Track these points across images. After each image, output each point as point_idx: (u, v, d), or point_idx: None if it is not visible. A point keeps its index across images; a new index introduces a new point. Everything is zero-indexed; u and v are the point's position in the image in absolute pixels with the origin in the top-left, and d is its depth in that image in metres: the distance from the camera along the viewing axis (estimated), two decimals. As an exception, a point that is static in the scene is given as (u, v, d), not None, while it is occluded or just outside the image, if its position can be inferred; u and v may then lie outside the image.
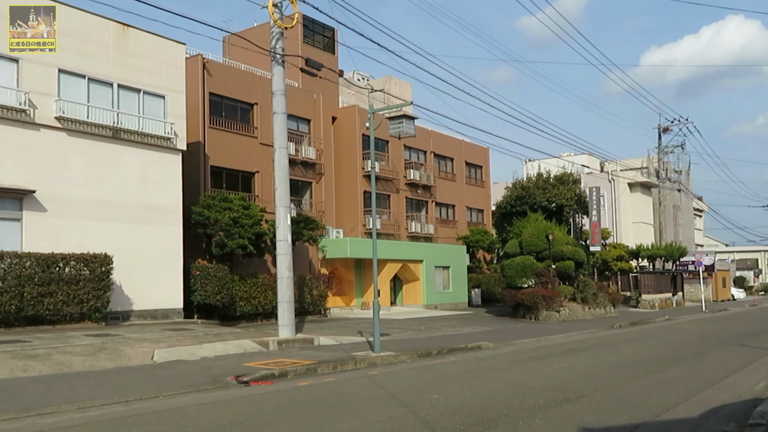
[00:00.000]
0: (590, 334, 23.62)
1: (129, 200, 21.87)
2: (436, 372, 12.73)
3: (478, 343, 18.19)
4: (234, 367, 12.37)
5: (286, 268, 16.87)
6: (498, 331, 23.27)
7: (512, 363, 14.35)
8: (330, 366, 12.90)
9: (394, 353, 15.07)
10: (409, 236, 38.16)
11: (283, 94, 17.73)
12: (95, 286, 19.08)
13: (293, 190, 32.66)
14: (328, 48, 37.38)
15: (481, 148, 46.02)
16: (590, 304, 32.10)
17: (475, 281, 40.08)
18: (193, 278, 24.11)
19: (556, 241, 30.30)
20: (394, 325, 24.90)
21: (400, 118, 15.59)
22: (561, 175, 33.97)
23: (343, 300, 34.53)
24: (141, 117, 22.48)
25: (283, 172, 17.35)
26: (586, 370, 12.87)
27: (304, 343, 16.39)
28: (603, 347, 18.27)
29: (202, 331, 17.94)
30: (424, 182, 39.56)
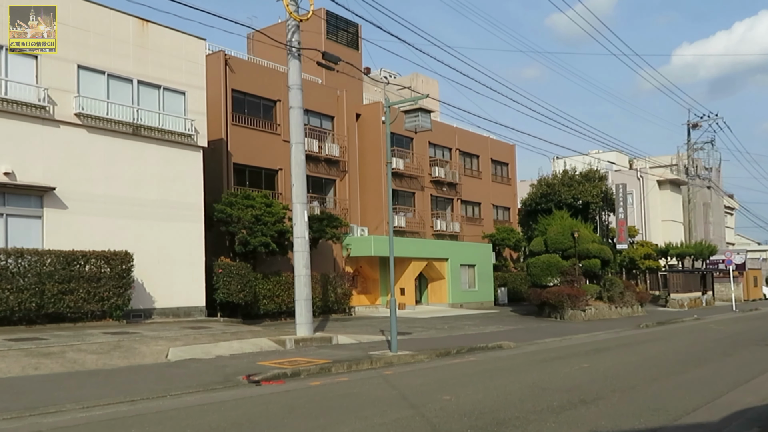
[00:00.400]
0: (615, 333, 23.10)
1: (150, 197, 21.91)
2: (452, 372, 12.45)
3: (499, 342, 17.84)
4: (247, 366, 12.22)
5: (303, 266, 16.69)
6: (521, 331, 22.88)
7: (531, 363, 14.00)
8: (344, 365, 12.68)
9: (411, 352, 14.80)
10: (435, 234, 37.84)
11: (300, 88, 17.54)
12: (116, 283, 19.12)
13: (317, 188, 32.64)
14: (352, 44, 37.22)
15: (508, 145, 45.48)
16: (617, 303, 31.47)
17: (501, 280, 39.62)
18: (216, 276, 24.10)
19: (581, 239, 29.74)
20: (417, 324, 24.66)
21: (415, 111, 15.29)
22: (587, 172, 33.36)
23: (368, 298, 34.36)
24: (161, 113, 22.50)
25: (299, 168, 17.17)
26: (606, 371, 12.48)
27: (321, 342, 16.21)
28: (627, 347, 17.80)
29: (220, 329, 17.86)
30: (450, 180, 39.19)
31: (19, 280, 17.24)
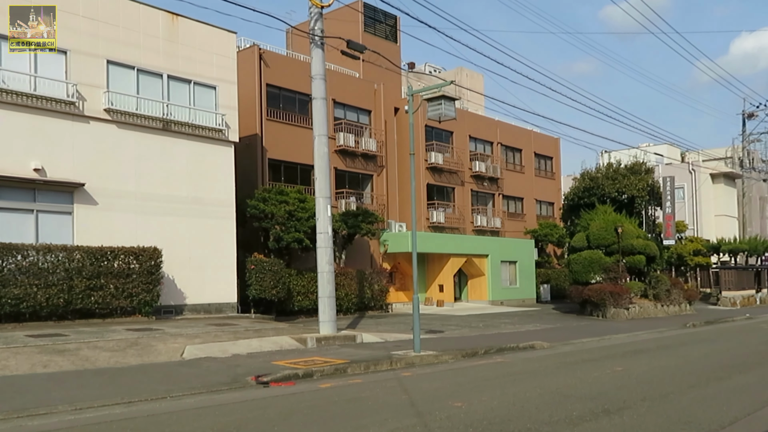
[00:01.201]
0: (659, 333, 22.03)
1: (180, 193, 21.80)
2: (473, 375, 11.81)
3: (531, 342, 17.09)
4: (261, 366, 11.82)
5: (326, 262, 16.24)
6: (559, 330, 22.03)
7: (561, 366, 13.25)
8: (362, 366, 12.17)
9: (436, 353, 14.21)
10: (475, 230, 37.04)
11: (323, 78, 17.09)
12: (144, 279, 19.02)
13: (353, 183, 32.21)
14: (390, 37, 36.65)
15: (552, 139, 44.29)
16: (663, 301, 30.17)
17: (544, 276, 38.58)
18: (249, 272, 23.90)
19: (625, 235, 28.57)
20: (452, 322, 24.04)
21: (438, 99, 14.62)
22: (632, 165, 32.04)
23: (407, 295, 33.77)
24: (192, 108, 22.37)
25: (322, 161, 16.73)
26: (640, 376, 11.66)
27: (345, 341, 15.74)
28: (668, 349, 16.83)
29: (246, 326, 17.56)
30: (491, 174, 38.31)
31: (47, 276, 17.26)
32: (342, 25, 34.39)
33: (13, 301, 16.54)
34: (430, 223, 34.32)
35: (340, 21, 35.07)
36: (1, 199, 18.22)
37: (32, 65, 19.11)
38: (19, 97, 18.62)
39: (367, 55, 33.64)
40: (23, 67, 18.95)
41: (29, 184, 18.60)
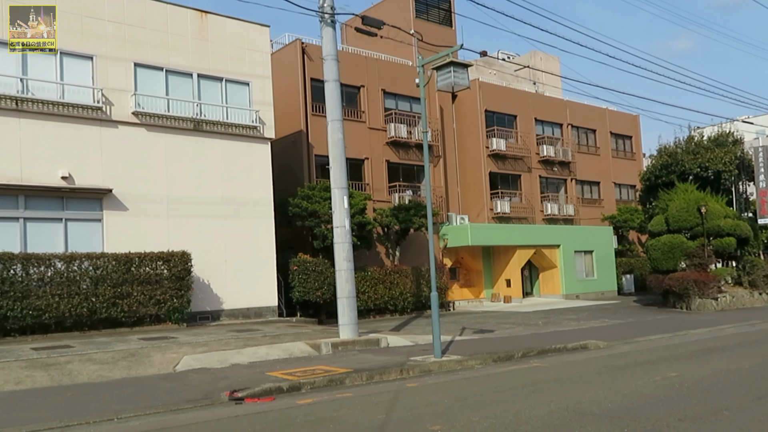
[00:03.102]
0: (750, 326, 19.36)
1: (214, 194, 21.00)
2: (487, 385, 10.12)
3: (585, 341, 15.10)
4: (251, 378, 10.59)
5: (344, 259, 14.86)
6: (628, 325, 19.76)
7: (604, 371, 11.34)
8: (364, 376, 10.72)
9: (461, 358, 12.56)
10: (545, 219, 34.72)
11: (335, 59, 15.70)
12: (173, 285, 18.25)
13: (408, 176, 30.68)
14: (445, 21, 34.82)
15: (630, 116, 41.19)
16: (761, 288, 26.99)
17: (627, 266, 35.73)
18: (292, 274, 22.93)
19: (710, 215, 25.66)
20: (510, 320, 22.17)
21: (447, 67, 12.91)
22: (717, 136, 28.77)
23: (472, 292, 32.01)
24: (224, 107, 21.57)
25: (336, 148, 15.34)
26: (696, 383, 9.64)
27: (366, 345, 14.29)
28: (750, 346, 14.44)
29: (269, 332, 16.46)
30: (561, 158, 35.84)
31: (70, 286, 16.74)
32: (392, 12, 33.00)
33: (34, 312, 16.09)
34: (495, 213, 32.33)
35: (391, 7, 33.70)
36: (30, 209, 17.90)
37: (58, 72, 18.78)
38: (45, 105, 18.28)
39: (421, 41, 32.30)
40: (49, 75, 18.64)
41: (57, 193, 18.19)
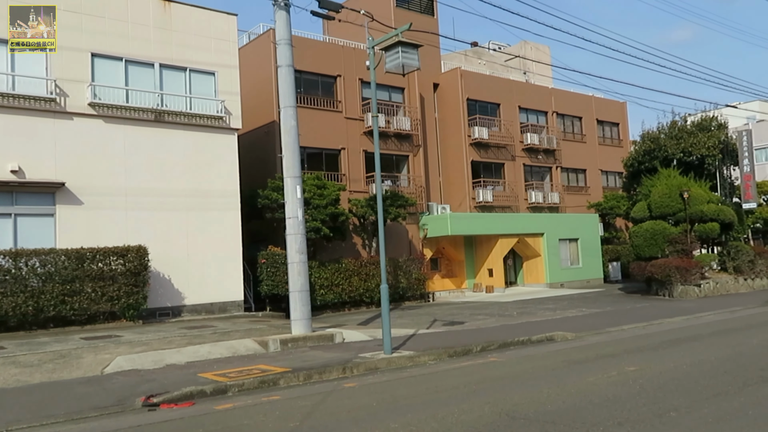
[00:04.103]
0: (730, 313, 18.73)
1: (178, 186, 20.32)
2: (427, 385, 9.48)
3: (552, 333, 14.47)
4: (180, 380, 9.95)
5: (297, 251, 14.19)
6: (604, 315, 19.11)
7: (559, 366, 10.69)
8: (302, 376, 10.07)
9: (415, 353, 11.91)
10: (530, 207, 34.02)
11: (288, 43, 14.99)
12: (128, 281, 17.58)
13: (387, 166, 29.94)
14: (426, 10, 33.95)
15: (617, 103, 40.43)
16: (746, 274, 26.31)
17: (613, 254, 35.05)
18: (260, 267, 22.27)
19: (693, 200, 24.96)
20: (486, 311, 21.53)
21: (395, 47, 12.19)
22: (700, 121, 28.03)
23: (453, 282, 31.35)
24: (188, 97, 20.88)
25: (289, 135, 14.64)
26: (651, 380, 8.98)
27: (319, 341, 13.62)
28: (725, 335, 13.81)
29: (226, 328, 15.82)
30: (545, 146, 35.10)
31: (15, 283, 16.04)
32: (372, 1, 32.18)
33: (-28, 311, 15.41)
34: (477, 203, 31.63)
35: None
36: (-23, 205, 17.23)
37: (9, 63, 18.12)
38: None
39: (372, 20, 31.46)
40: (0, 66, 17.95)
41: (6, 187, 17.48)
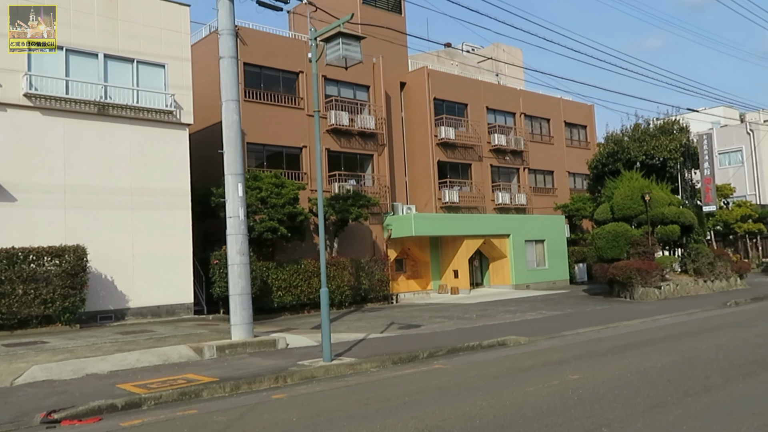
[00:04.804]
0: (687, 316, 18.37)
1: (123, 184, 19.47)
2: (359, 397, 8.82)
3: (505, 338, 13.91)
4: (95, 392, 9.18)
5: (237, 252, 13.45)
6: (564, 317, 18.63)
7: (503, 374, 10.12)
8: (229, 386, 9.35)
9: (357, 360, 11.25)
10: (497, 208, 33.54)
11: (231, 33, 14.21)
12: (64, 282, 16.64)
13: (350, 165, 29.25)
14: (394, 8, 33.35)
15: (585, 106, 40.17)
16: (706, 276, 26.04)
17: (579, 255, 34.68)
18: (212, 268, 21.46)
19: (655, 202, 24.63)
20: (446, 313, 20.97)
21: (336, 38, 11.55)
22: (663, 124, 27.78)
23: (419, 283, 30.73)
24: (135, 89, 20.01)
25: (231, 130, 13.89)
26: (592, 390, 8.43)
27: (260, 347, 12.89)
28: (675, 340, 13.34)
29: (165, 333, 15.03)
30: (513, 147, 34.64)
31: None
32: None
33: None
34: (443, 203, 31.09)
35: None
36: None
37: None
38: None
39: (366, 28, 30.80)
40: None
41: (-71, 185, 16.53)
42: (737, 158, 47.34)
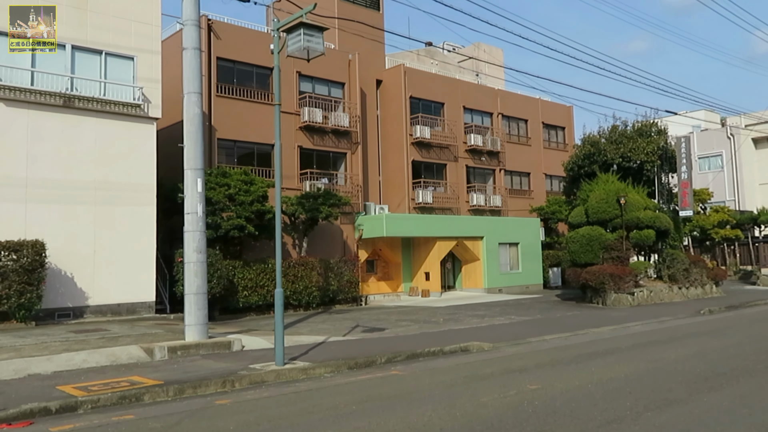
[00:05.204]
0: (658, 323, 18.24)
1: (87, 178, 19.01)
2: (305, 405, 8.54)
3: (468, 343, 13.67)
4: (33, 393, 8.81)
5: (194, 250, 13.09)
6: (532, 323, 18.42)
7: (460, 382, 9.87)
8: (172, 390, 9.01)
9: (311, 365, 10.94)
10: (471, 210, 33.35)
11: (195, 24, 13.84)
12: (20, 278, 16.17)
13: (323, 163, 28.88)
14: (372, 5, 33.01)
15: (563, 107, 40.10)
16: (680, 282, 25.99)
17: (554, 259, 34.52)
18: (176, 266, 20.99)
19: (630, 206, 24.54)
20: (413, 316, 20.70)
21: (297, 28, 11.21)
22: (640, 127, 27.67)
23: (390, 285, 30.46)
24: (102, 82, 19.55)
25: (192, 124, 13.51)
26: (548, 402, 8.20)
27: (214, 349, 12.54)
28: (643, 348, 13.16)
29: (120, 332, 14.63)
30: (489, 148, 34.48)
31: None
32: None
33: None
34: (416, 203, 30.84)
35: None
36: None
37: None
38: None
39: (342, 24, 30.49)
40: None
41: None
42: (717, 163, 47.54)
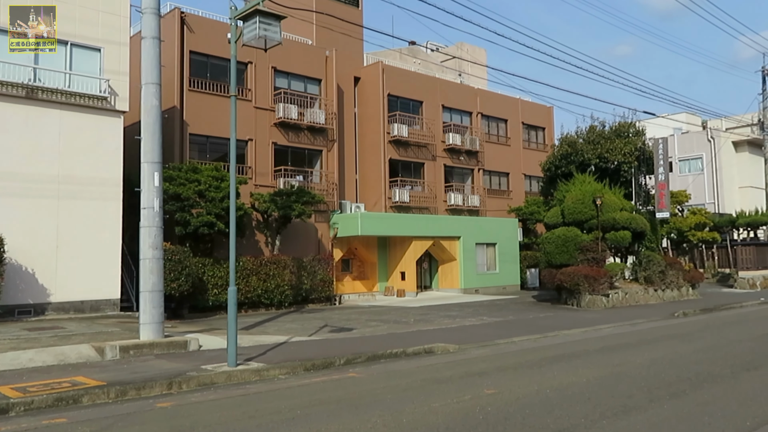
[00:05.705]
0: (630, 326, 18.03)
1: (50, 172, 18.52)
2: (244, 409, 8.18)
3: (433, 345, 13.37)
4: (-35, 395, 8.36)
5: (150, 246, 12.68)
6: (503, 324, 18.15)
7: (416, 386, 9.56)
8: (113, 392, 8.63)
9: (265, 366, 10.59)
10: (449, 209, 33.08)
11: (155, 13, 13.39)
12: (-25, 275, 15.71)
13: (298, 160, 28.46)
14: (351, 1, 32.62)
15: (543, 108, 39.93)
16: (656, 284, 25.84)
17: (532, 260, 34.28)
18: (143, 263, 20.53)
19: (606, 207, 24.36)
20: (384, 317, 20.39)
21: (253, 16, 10.80)
22: (618, 127, 27.51)
23: (365, 285, 30.14)
24: (67, 73, 19.05)
25: (150, 116, 13.10)
26: (502, 408, 7.91)
27: (169, 349, 12.14)
28: (610, 352, 12.91)
29: (75, 330, 14.20)
30: (468, 147, 34.22)
31: None
32: (293, -14, 30.71)
33: None
34: (393, 202, 30.51)
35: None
36: None
37: None
38: None
39: (320, 19, 30.10)
40: None
41: None
42: (697, 165, 47.58)
